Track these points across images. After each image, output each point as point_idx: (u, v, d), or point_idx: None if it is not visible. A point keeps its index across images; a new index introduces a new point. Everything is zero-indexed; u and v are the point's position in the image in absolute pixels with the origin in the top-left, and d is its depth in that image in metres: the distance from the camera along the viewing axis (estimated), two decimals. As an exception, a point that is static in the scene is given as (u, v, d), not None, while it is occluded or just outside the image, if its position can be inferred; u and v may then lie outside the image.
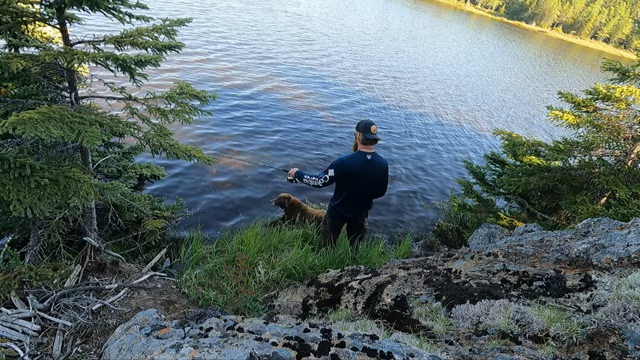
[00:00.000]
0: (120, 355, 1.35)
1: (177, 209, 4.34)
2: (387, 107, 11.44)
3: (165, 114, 2.89)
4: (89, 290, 2.63)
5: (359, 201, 3.49)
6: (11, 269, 2.46)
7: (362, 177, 3.29)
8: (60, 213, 2.93)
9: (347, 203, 3.44)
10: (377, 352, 1.11)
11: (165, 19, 2.71)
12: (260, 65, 11.66)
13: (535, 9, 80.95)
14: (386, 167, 3.42)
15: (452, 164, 8.78)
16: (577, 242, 2.17)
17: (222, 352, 1.14)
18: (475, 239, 4.51)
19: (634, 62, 4.05)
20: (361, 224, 3.67)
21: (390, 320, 1.81)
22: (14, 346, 2.05)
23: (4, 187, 2.12)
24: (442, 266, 2.24)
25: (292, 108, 9.33)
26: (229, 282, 2.96)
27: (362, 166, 3.26)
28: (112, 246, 3.64)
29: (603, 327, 1.21)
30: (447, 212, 6.34)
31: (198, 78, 9.37)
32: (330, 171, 3.28)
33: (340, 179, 3.31)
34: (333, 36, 19.61)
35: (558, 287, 1.68)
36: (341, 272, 2.71)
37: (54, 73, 2.76)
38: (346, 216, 3.56)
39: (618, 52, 66.42)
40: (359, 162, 3.26)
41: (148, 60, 2.46)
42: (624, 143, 4.14)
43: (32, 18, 2.41)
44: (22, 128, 1.87)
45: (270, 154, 7.10)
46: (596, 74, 30.02)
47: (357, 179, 3.29)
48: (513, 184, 4.48)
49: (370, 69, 15.19)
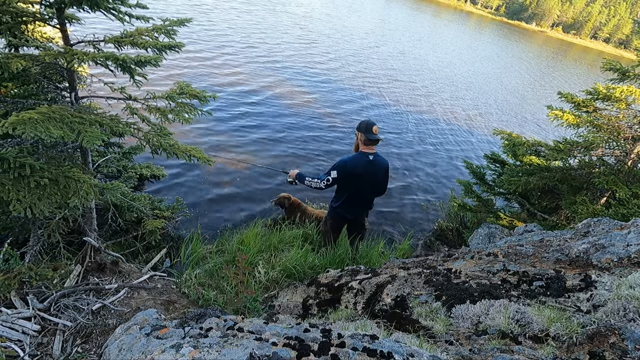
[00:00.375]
0: (120, 355, 1.35)
1: (177, 209, 4.34)
2: (385, 106, 11.44)
3: (165, 113, 2.89)
4: (89, 290, 2.63)
5: (361, 202, 3.48)
6: (11, 269, 2.46)
7: (365, 178, 3.28)
8: (60, 213, 2.93)
9: (348, 204, 3.43)
10: (377, 352, 1.10)
11: (165, 19, 2.72)
12: (264, 67, 11.64)
13: (535, 9, 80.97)
14: (387, 167, 3.42)
15: (452, 164, 8.78)
16: (577, 242, 2.17)
17: (222, 352, 1.14)
18: (475, 239, 4.51)
19: (634, 62, 4.05)
20: (362, 223, 3.67)
21: (390, 320, 1.81)
22: (14, 346, 2.05)
23: (4, 187, 2.12)
24: (442, 266, 2.24)
25: (294, 109, 9.34)
26: (229, 282, 2.96)
27: (365, 167, 3.25)
28: (112, 246, 3.64)
29: (603, 327, 1.21)
30: (447, 212, 6.34)
31: (204, 81, 9.36)
32: (332, 173, 3.26)
33: (342, 180, 3.29)
34: (335, 37, 19.59)
35: (558, 287, 1.68)
36: (341, 272, 2.71)
37: (54, 73, 2.76)
38: (347, 217, 3.55)
39: (618, 52, 66.44)
40: (362, 163, 3.25)
41: (148, 60, 2.46)
42: (624, 143, 4.14)
43: (32, 18, 2.41)
44: (22, 128, 1.87)
45: (270, 154, 7.10)
46: (596, 73, 30.02)
47: (360, 180, 3.28)
48: (513, 184, 4.48)
49: (371, 68, 15.20)
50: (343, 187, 3.38)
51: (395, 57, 19.06)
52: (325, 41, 17.93)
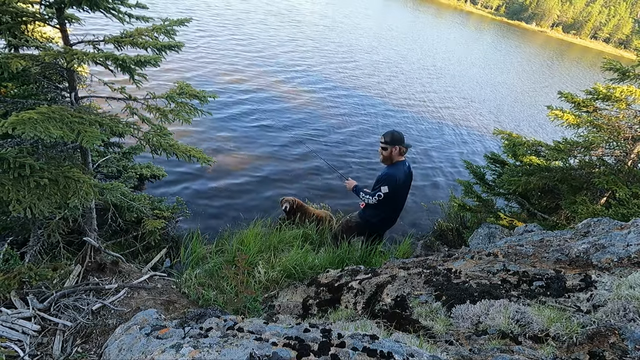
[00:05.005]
0: (120, 355, 1.35)
1: (177, 209, 4.34)
2: (384, 106, 11.43)
3: (165, 113, 2.89)
4: (89, 290, 2.63)
5: (398, 213, 3.50)
6: (11, 269, 2.46)
7: (404, 187, 3.33)
8: (60, 213, 2.93)
9: (389, 218, 3.45)
10: (377, 352, 1.10)
11: (165, 19, 2.72)
12: (276, 72, 11.61)
13: (535, 9, 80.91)
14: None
15: (452, 164, 8.78)
16: (577, 242, 2.17)
17: (222, 352, 1.14)
18: (475, 239, 4.51)
19: (634, 62, 4.05)
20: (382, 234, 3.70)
21: (390, 320, 1.81)
22: (14, 346, 2.04)
23: (4, 187, 2.12)
24: (442, 266, 2.24)
25: (304, 111, 9.33)
26: (229, 282, 2.96)
27: (405, 177, 3.28)
28: (112, 246, 3.64)
29: (603, 327, 1.21)
30: (447, 212, 6.34)
31: (212, 83, 9.37)
32: (383, 188, 3.20)
33: (392, 194, 3.25)
34: (338, 39, 19.57)
35: (558, 287, 1.67)
36: (341, 272, 2.71)
37: (54, 73, 2.76)
38: (382, 231, 3.58)
39: (618, 52, 66.36)
40: (404, 173, 3.28)
41: (148, 60, 2.46)
42: (624, 143, 4.13)
43: (32, 18, 2.41)
44: (21, 128, 1.87)
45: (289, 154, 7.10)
46: (596, 74, 30.01)
47: (402, 191, 3.31)
48: (513, 184, 4.48)
49: (371, 67, 15.19)
50: (388, 201, 3.30)
51: (398, 58, 19.05)
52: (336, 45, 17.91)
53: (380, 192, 3.21)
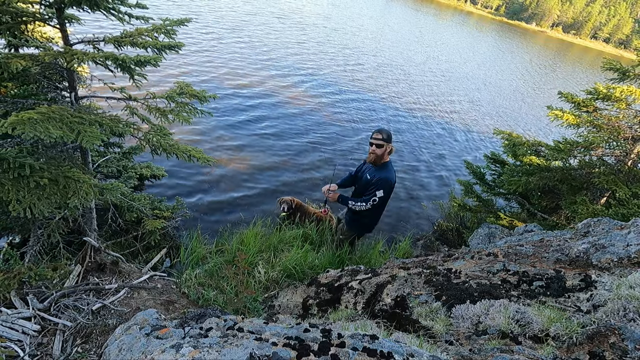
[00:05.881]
0: (120, 355, 1.35)
1: (177, 209, 4.34)
2: (382, 103, 11.43)
3: (165, 113, 2.89)
4: (89, 290, 2.63)
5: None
6: (11, 269, 2.45)
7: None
8: (60, 213, 2.93)
9: (379, 215, 3.46)
10: (377, 352, 1.10)
11: (165, 19, 2.71)
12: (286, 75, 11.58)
13: (535, 9, 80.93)
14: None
15: (452, 164, 8.77)
16: (577, 242, 2.17)
17: (222, 352, 1.14)
18: (475, 239, 4.50)
19: (634, 62, 4.05)
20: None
21: (390, 320, 1.81)
22: (14, 346, 2.05)
23: (4, 187, 2.12)
24: (442, 266, 2.24)
25: (301, 109, 9.30)
26: (229, 282, 2.96)
27: (395, 178, 3.27)
28: (112, 246, 3.63)
29: (603, 327, 1.21)
30: (447, 212, 6.34)
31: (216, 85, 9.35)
32: (378, 192, 3.13)
33: (387, 198, 3.23)
34: (336, 40, 19.56)
35: (558, 287, 1.67)
36: (341, 272, 2.71)
37: (54, 73, 2.76)
38: (369, 232, 3.69)
39: (618, 52, 66.38)
40: (395, 174, 3.26)
41: (148, 60, 2.46)
42: (624, 143, 4.13)
43: (32, 18, 2.40)
44: (21, 128, 1.86)
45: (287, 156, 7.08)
46: (595, 73, 30.00)
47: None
48: (513, 184, 4.48)
49: (376, 70, 15.18)
50: (381, 204, 3.25)
51: (399, 57, 19.05)
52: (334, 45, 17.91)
53: (375, 197, 3.12)
